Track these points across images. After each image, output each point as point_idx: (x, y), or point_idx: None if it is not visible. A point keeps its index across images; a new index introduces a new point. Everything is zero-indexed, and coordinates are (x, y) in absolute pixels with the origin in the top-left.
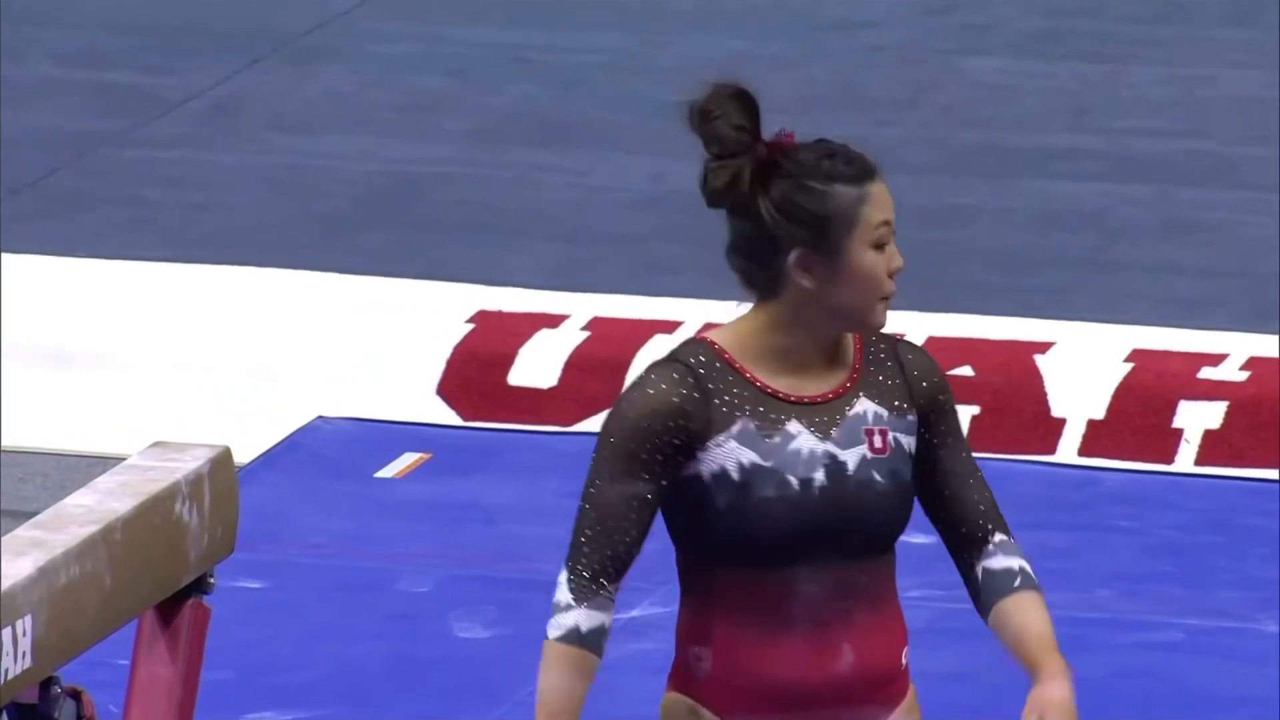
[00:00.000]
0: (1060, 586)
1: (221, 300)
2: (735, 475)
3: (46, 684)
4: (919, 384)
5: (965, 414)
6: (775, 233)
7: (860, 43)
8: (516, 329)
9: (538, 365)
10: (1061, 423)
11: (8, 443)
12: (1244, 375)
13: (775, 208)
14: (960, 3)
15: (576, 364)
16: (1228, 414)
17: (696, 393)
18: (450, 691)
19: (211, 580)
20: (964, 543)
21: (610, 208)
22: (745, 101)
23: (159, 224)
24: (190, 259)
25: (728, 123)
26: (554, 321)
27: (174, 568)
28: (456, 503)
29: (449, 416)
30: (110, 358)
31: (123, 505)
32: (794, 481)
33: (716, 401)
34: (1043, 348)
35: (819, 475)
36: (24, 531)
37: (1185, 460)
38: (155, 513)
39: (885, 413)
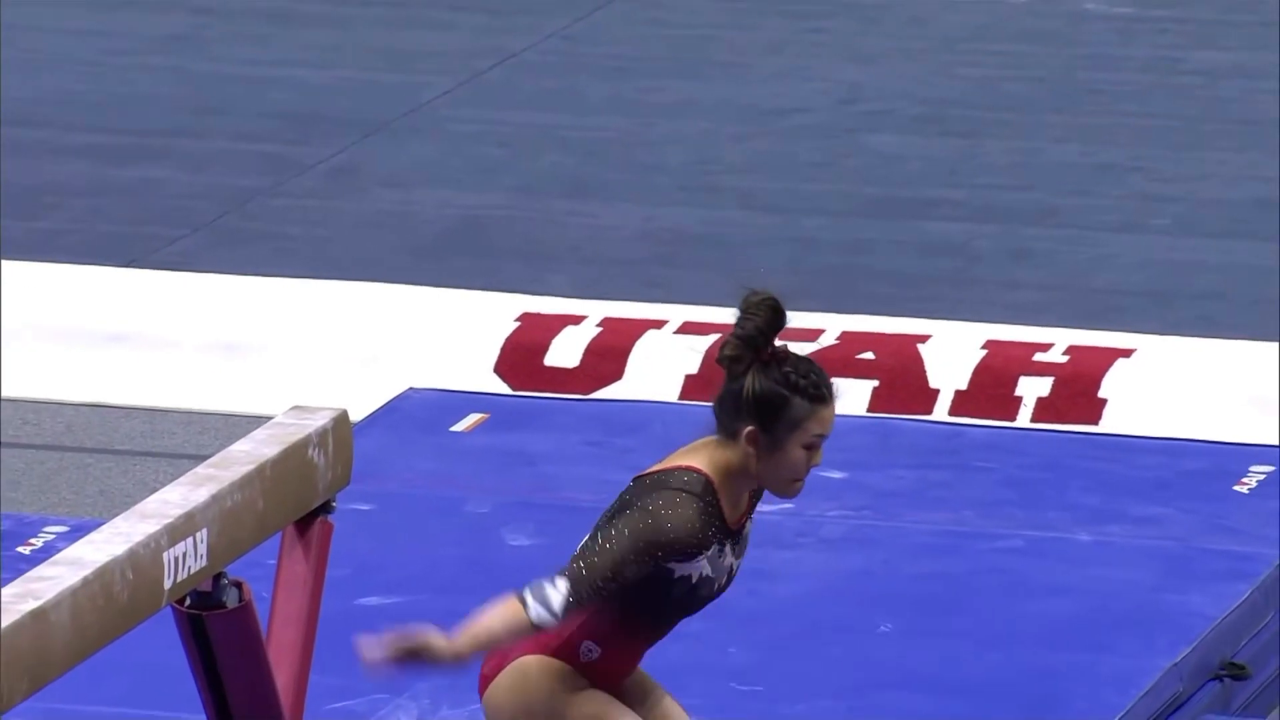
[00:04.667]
0: (937, 509)
1: (342, 307)
2: (694, 579)
3: (217, 578)
4: None
5: (868, 386)
6: (744, 408)
7: (792, 123)
8: (550, 325)
9: (565, 351)
10: (936, 392)
11: (195, 406)
12: (1065, 358)
13: (753, 393)
14: (864, 95)
15: (593, 350)
16: (1054, 386)
17: (709, 530)
18: (504, 584)
19: (334, 504)
20: None
21: (617, 240)
22: (776, 313)
23: (299, 252)
24: (320, 277)
25: (755, 323)
26: (577, 320)
27: (307, 495)
28: (507, 450)
29: (502, 388)
30: (264, 346)
31: (271, 450)
32: (716, 584)
33: (710, 532)
34: (923, 339)
35: (724, 578)
36: (201, 469)
37: (1024, 419)
38: (294, 456)
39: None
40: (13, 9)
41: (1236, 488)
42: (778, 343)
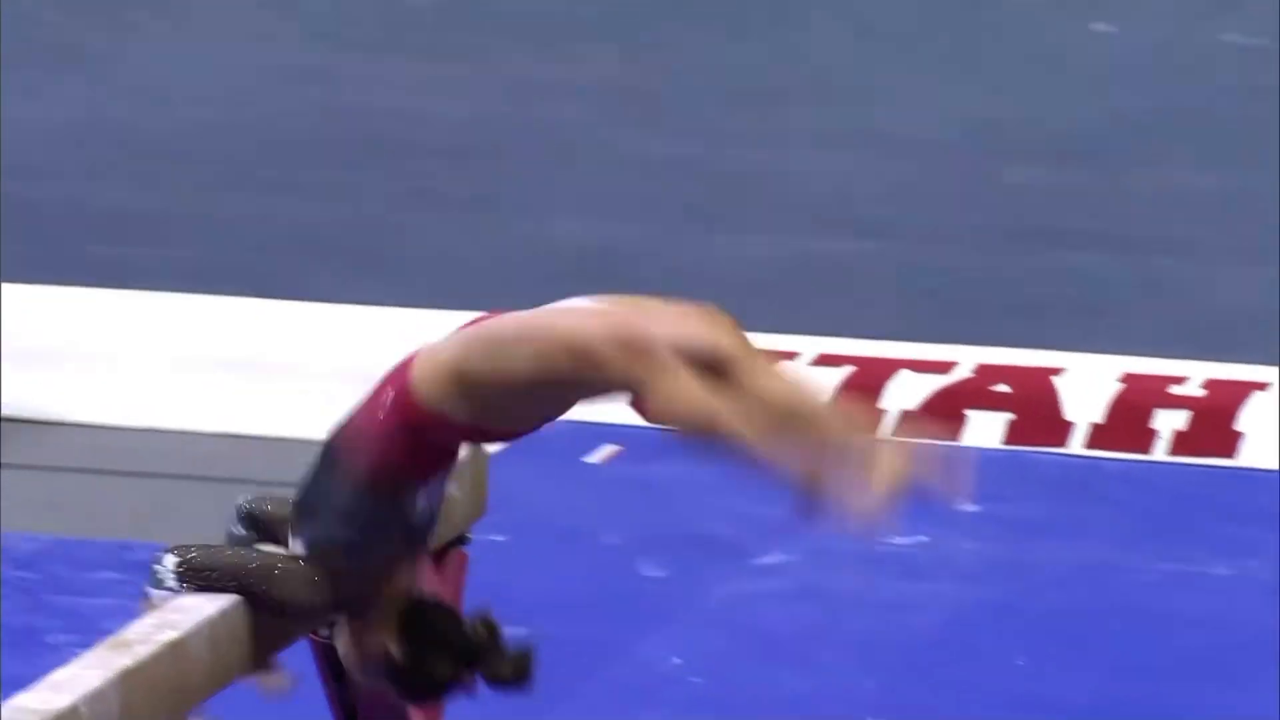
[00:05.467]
0: (1072, 542)
1: None
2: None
3: None
4: None
5: (1003, 419)
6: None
7: (929, 154)
8: None
9: None
10: (1072, 425)
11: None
12: (1202, 392)
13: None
14: (1002, 126)
15: None
16: (1190, 419)
17: None
18: (636, 614)
19: (469, 535)
20: None
21: (753, 271)
22: None
23: (439, 281)
24: (458, 306)
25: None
26: None
27: (443, 527)
28: (641, 481)
29: (637, 420)
30: None
31: None
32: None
33: None
34: (1058, 371)
35: None
36: None
37: (1160, 452)
38: None
39: None
40: (145, 44)
41: None
42: None
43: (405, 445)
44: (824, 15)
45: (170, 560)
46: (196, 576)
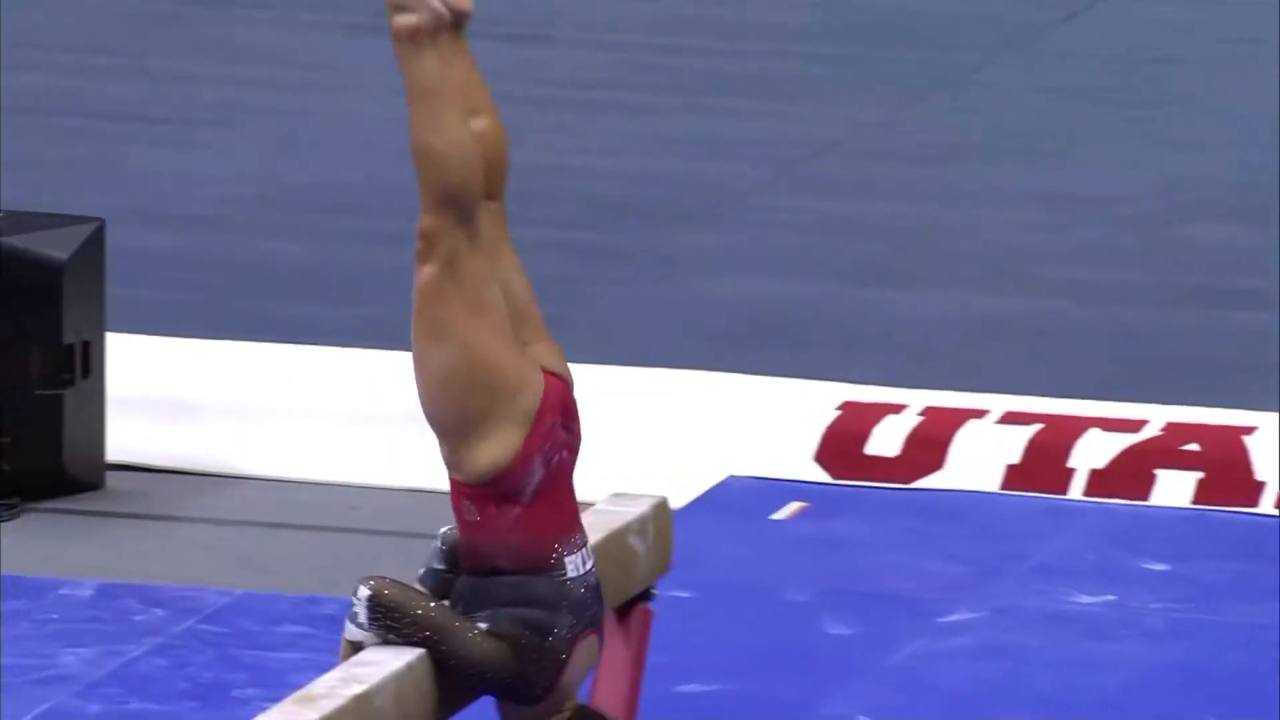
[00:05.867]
0: (1261, 603)
1: (662, 394)
2: None
3: None
4: None
5: (1192, 478)
6: None
7: (1110, 212)
8: (871, 414)
9: (886, 440)
10: (1263, 484)
11: None
12: None
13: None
14: (1184, 183)
15: (914, 439)
16: None
17: None
18: (821, 671)
19: (654, 591)
20: None
21: (929, 329)
22: None
23: (617, 340)
24: (638, 364)
25: None
26: (897, 409)
27: (627, 582)
28: (827, 538)
29: (822, 476)
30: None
31: (593, 537)
32: None
33: None
34: (1249, 430)
35: None
36: None
37: None
38: (615, 542)
39: None
40: (319, 98)
41: None
42: None
43: (488, 518)
44: (1006, 73)
45: (364, 592)
46: (387, 617)
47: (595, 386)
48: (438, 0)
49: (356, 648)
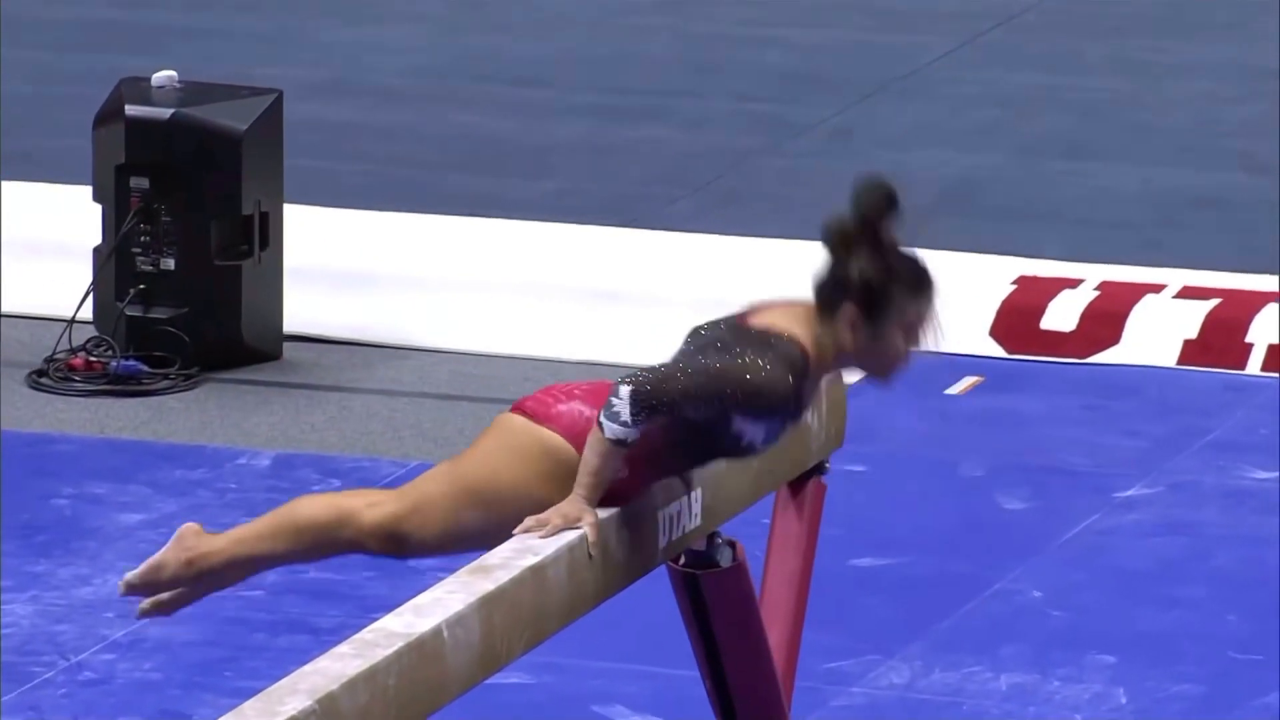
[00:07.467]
0: None
1: None
2: (744, 440)
3: (711, 537)
4: None
5: None
6: (849, 290)
7: None
8: (1047, 289)
9: (1062, 315)
10: None
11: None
12: None
13: (860, 276)
14: None
15: (1090, 314)
16: None
17: (787, 406)
18: (997, 547)
19: (827, 465)
20: None
21: (1114, 203)
22: (891, 199)
23: (795, 213)
24: (814, 238)
25: (872, 204)
26: (1074, 284)
27: (801, 456)
28: (1002, 413)
29: (998, 350)
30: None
31: None
32: (757, 451)
33: (788, 408)
34: None
35: (765, 449)
36: None
37: None
38: None
39: None
40: None
41: None
42: (888, 231)
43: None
44: None
45: (624, 390)
46: (653, 398)
47: (773, 260)
48: None
49: (620, 445)
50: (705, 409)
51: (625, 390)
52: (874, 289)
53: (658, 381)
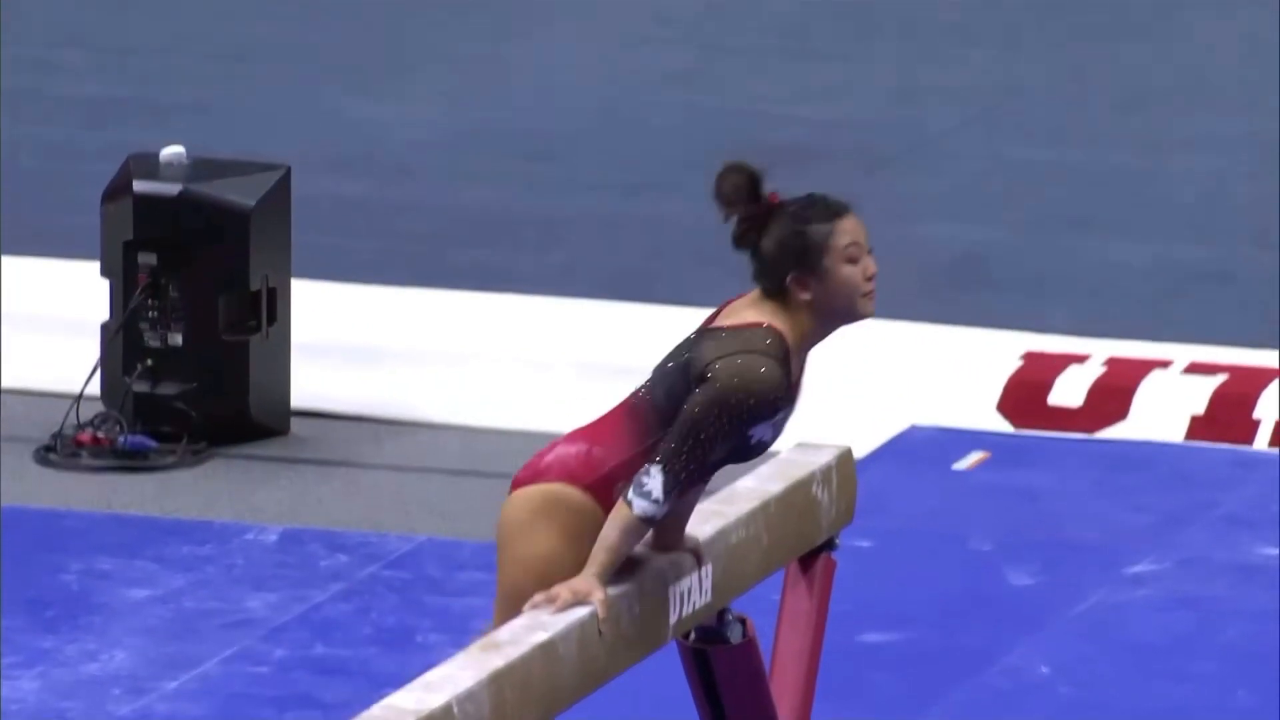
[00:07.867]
0: None
1: (846, 343)
2: (754, 440)
3: (722, 613)
4: None
5: None
6: (775, 265)
7: None
8: (1054, 364)
9: (1069, 390)
10: None
11: None
12: None
13: (773, 248)
14: None
15: (1097, 389)
16: None
17: (783, 394)
18: (1006, 622)
19: (837, 541)
20: None
21: (1122, 277)
22: (743, 170)
23: None
24: None
25: (731, 184)
26: (1081, 359)
27: (811, 532)
28: (1010, 487)
29: (1005, 426)
30: None
31: (775, 487)
32: (766, 446)
33: (783, 396)
34: None
35: (774, 440)
36: (707, 505)
37: None
38: (798, 492)
39: None
40: (515, 47)
41: None
42: (766, 195)
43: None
44: (1204, 18)
45: (655, 471)
46: (689, 461)
47: None
48: None
49: (648, 523)
50: (724, 446)
51: (657, 471)
52: (796, 245)
53: (689, 458)
